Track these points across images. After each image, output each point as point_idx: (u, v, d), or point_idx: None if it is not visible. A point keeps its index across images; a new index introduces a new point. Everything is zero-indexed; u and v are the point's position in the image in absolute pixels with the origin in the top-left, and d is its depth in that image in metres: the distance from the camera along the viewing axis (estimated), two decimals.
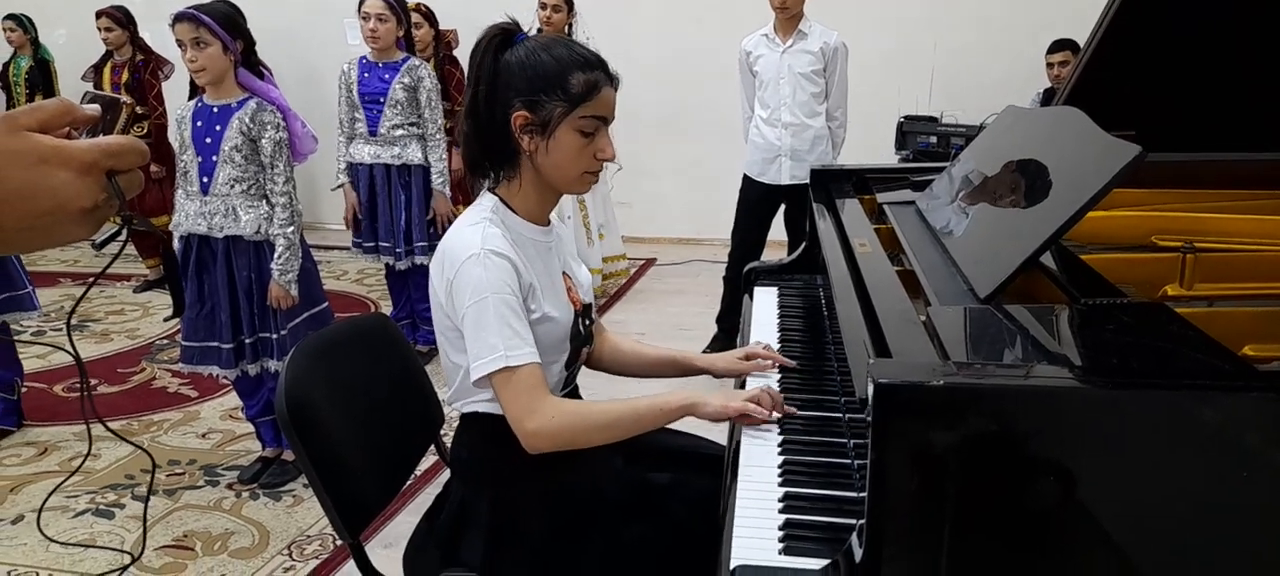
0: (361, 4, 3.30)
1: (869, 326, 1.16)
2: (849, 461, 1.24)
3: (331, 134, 3.66)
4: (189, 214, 2.46)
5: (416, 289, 3.65)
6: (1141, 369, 0.95)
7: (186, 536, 2.44)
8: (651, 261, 5.30)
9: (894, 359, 1.02)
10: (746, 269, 2.12)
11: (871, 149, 4.25)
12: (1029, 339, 1.07)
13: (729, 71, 3.67)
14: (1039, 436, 0.87)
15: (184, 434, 3.08)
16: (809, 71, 3.36)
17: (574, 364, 1.46)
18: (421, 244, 3.48)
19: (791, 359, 1.57)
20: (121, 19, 4.62)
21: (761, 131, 3.47)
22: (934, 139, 4.58)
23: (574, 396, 1.50)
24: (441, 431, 1.67)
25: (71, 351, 0.89)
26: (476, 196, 1.42)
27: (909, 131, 4.67)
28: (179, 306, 2.25)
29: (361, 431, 1.43)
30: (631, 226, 5.12)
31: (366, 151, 3.42)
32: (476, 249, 1.26)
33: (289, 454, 2.70)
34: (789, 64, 3.36)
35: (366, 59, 3.39)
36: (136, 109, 4.49)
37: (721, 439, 1.59)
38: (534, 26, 3.86)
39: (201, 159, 2.42)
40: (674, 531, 1.40)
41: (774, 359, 1.56)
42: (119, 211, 0.64)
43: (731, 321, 3.51)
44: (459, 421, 1.44)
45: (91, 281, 1.11)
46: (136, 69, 4.66)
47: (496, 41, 1.31)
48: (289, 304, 2.50)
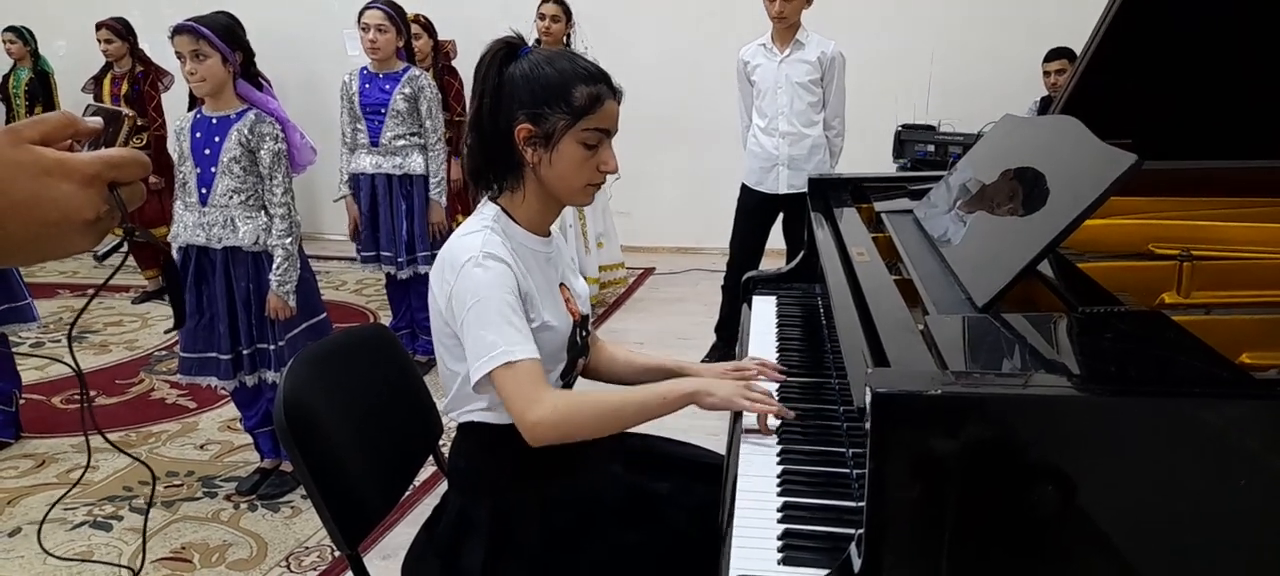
0: (361, 15, 3.31)
1: (867, 335, 1.16)
2: (848, 471, 1.24)
3: (331, 144, 3.67)
4: (187, 225, 2.46)
5: (417, 298, 3.65)
6: (1139, 377, 0.96)
7: (184, 548, 2.43)
8: (650, 270, 5.30)
9: (892, 368, 1.02)
10: (745, 278, 2.12)
11: (869, 157, 4.27)
12: (1027, 347, 1.07)
13: (727, 81, 3.68)
14: (1037, 445, 0.87)
15: (182, 445, 3.08)
16: (806, 81, 3.37)
17: (570, 374, 1.46)
18: (423, 253, 3.48)
19: (788, 368, 1.57)
20: (121, 31, 4.64)
21: (759, 141, 3.47)
22: (932, 147, 4.59)
23: None
24: (440, 442, 1.66)
25: (73, 364, 0.89)
26: (477, 207, 1.42)
27: (907, 140, 4.68)
28: (180, 318, 2.25)
29: (360, 442, 1.43)
30: (630, 235, 5.13)
31: (368, 162, 3.43)
32: (476, 252, 1.27)
33: (287, 465, 2.69)
34: (786, 73, 3.37)
35: (367, 70, 3.40)
36: (137, 121, 4.50)
37: (721, 448, 1.59)
38: (532, 36, 3.88)
39: (200, 170, 2.42)
40: (673, 540, 1.40)
41: (767, 372, 1.56)
42: (121, 223, 0.65)
43: (730, 330, 3.51)
44: (456, 431, 1.44)
45: (93, 293, 1.11)
46: (136, 80, 4.67)
47: (501, 54, 1.32)
48: (287, 315, 2.49)
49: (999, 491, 0.87)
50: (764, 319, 1.89)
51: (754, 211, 3.55)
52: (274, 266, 2.45)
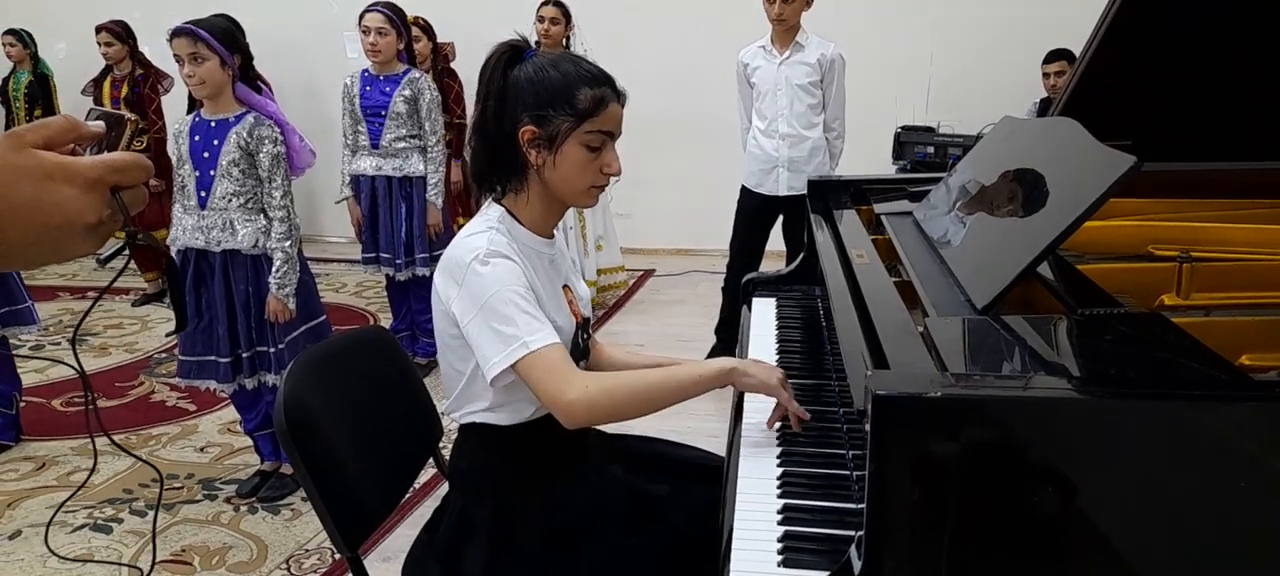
0: (361, 17, 3.32)
1: (867, 337, 1.16)
2: (848, 473, 1.24)
3: (330, 146, 3.67)
4: (186, 228, 2.46)
5: (417, 300, 3.66)
6: (1139, 378, 0.96)
7: (185, 551, 2.43)
8: (650, 272, 5.30)
9: (892, 370, 1.02)
10: (745, 280, 2.12)
11: (869, 159, 4.27)
12: (1027, 349, 1.07)
13: (727, 83, 3.68)
14: (1037, 447, 0.87)
15: (182, 448, 3.08)
16: (806, 83, 3.37)
17: None
18: (422, 255, 3.48)
19: (788, 371, 1.57)
20: (121, 33, 4.64)
21: (759, 142, 3.47)
22: (931, 149, 4.60)
23: None
24: (440, 444, 1.67)
25: (77, 366, 0.90)
26: (478, 209, 1.42)
27: (906, 142, 4.68)
28: (181, 321, 2.25)
29: (360, 444, 1.43)
30: (630, 237, 5.13)
31: (369, 164, 3.43)
32: (482, 251, 1.27)
33: (287, 467, 2.69)
34: (786, 75, 3.37)
35: (368, 72, 3.40)
36: (139, 125, 4.50)
37: (721, 449, 1.59)
38: (532, 38, 3.88)
39: (199, 173, 2.42)
40: (674, 542, 1.40)
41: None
42: (123, 227, 0.65)
43: (730, 332, 3.51)
44: (458, 432, 1.44)
45: (97, 297, 1.12)
46: (136, 83, 4.68)
47: (506, 57, 1.32)
48: (287, 317, 2.49)
49: (999, 493, 0.87)
50: (764, 321, 1.89)
51: (754, 213, 3.55)
52: (273, 269, 2.45)
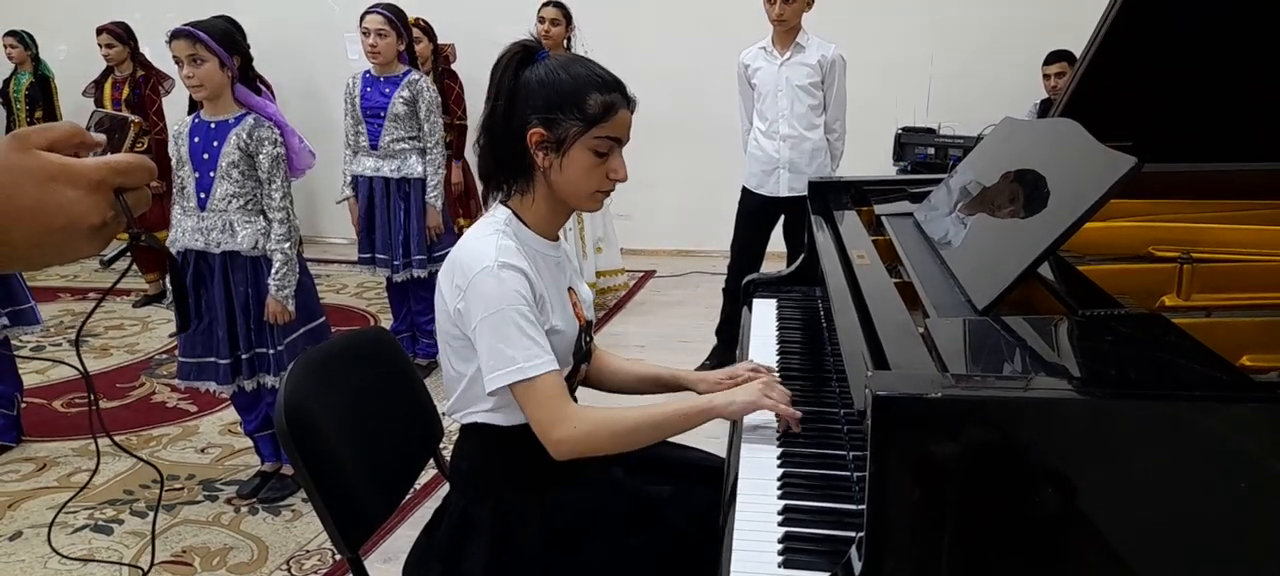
0: (362, 19, 3.32)
1: (867, 338, 1.16)
2: (848, 474, 1.24)
3: (331, 147, 3.68)
4: (185, 229, 2.46)
5: (417, 302, 3.66)
6: (1139, 379, 0.96)
7: (185, 551, 2.43)
8: (651, 273, 5.30)
9: (892, 371, 1.02)
10: (745, 281, 2.12)
11: (869, 160, 4.27)
12: (1027, 350, 1.07)
13: (727, 84, 3.68)
14: (1038, 448, 0.87)
15: (183, 448, 3.08)
16: (807, 84, 3.37)
17: (573, 378, 1.46)
18: (419, 257, 3.48)
19: (788, 371, 1.57)
20: (122, 35, 4.65)
21: (760, 144, 3.48)
22: (932, 150, 4.59)
23: None
24: (440, 445, 1.66)
25: (80, 368, 0.90)
26: (484, 209, 1.42)
27: (907, 143, 4.68)
28: (184, 322, 2.24)
29: (360, 445, 1.43)
30: (631, 238, 5.13)
31: (368, 164, 3.43)
32: (490, 261, 1.27)
33: (288, 468, 2.69)
34: (787, 76, 3.37)
35: (370, 73, 3.41)
36: (142, 127, 4.51)
37: (721, 451, 1.59)
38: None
39: (198, 175, 2.42)
40: (674, 543, 1.40)
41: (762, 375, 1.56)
42: (127, 228, 0.65)
43: (731, 333, 3.51)
44: (459, 433, 1.44)
45: (101, 298, 1.13)
46: (137, 84, 4.68)
47: (518, 58, 1.32)
48: (286, 319, 2.49)
49: (999, 494, 0.87)
50: (764, 322, 1.89)
51: (755, 214, 3.55)
52: (273, 271, 2.45)
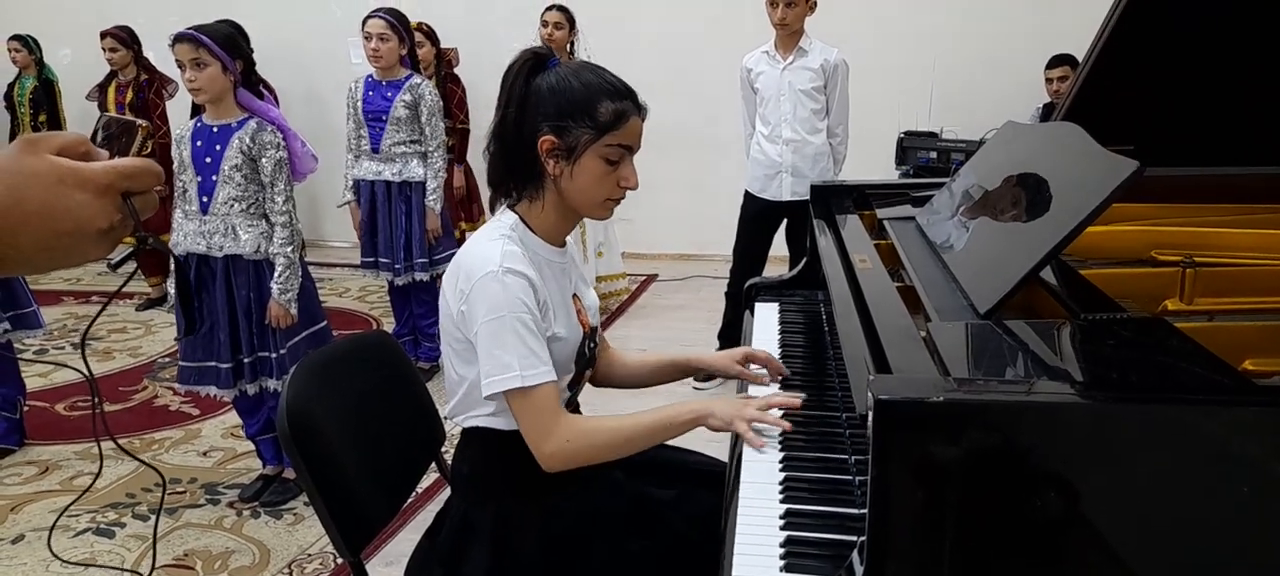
0: (364, 23, 3.33)
1: (869, 342, 1.16)
2: (851, 478, 1.24)
3: (333, 152, 3.68)
4: (187, 233, 2.47)
5: (418, 305, 3.66)
6: (1142, 383, 0.95)
7: (187, 555, 2.43)
8: (653, 277, 5.30)
9: (894, 375, 1.02)
10: (747, 284, 2.12)
11: (871, 164, 4.26)
12: (1029, 354, 1.07)
13: (730, 88, 3.69)
14: (1040, 452, 0.87)
15: (185, 452, 3.08)
16: (809, 88, 3.37)
17: (577, 384, 1.47)
18: (421, 260, 3.48)
19: (791, 374, 1.57)
20: (126, 39, 4.65)
21: (762, 148, 3.48)
22: (934, 154, 4.59)
23: (573, 412, 1.50)
24: (442, 448, 1.66)
25: (86, 371, 0.90)
26: (491, 215, 1.43)
27: (909, 147, 4.68)
28: (191, 325, 2.23)
29: (362, 448, 1.43)
30: (633, 242, 5.13)
31: (369, 168, 3.44)
32: (495, 266, 1.27)
33: (290, 472, 2.69)
34: (789, 81, 3.37)
35: (372, 77, 3.42)
36: (148, 130, 4.51)
37: (723, 454, 1.59)
38: (535, 43, 3.88)
39: (201, 178, 2.43)
40: (676, 547, 1.40)
41: (772, 367, 1.56)
42: (134, 232, 0.65)
43: (733, 337, 3.51)
44: (461, 436, 1.44)
45: (107, 301, 1.13)
46: (141, 88, 4.69)
47: (529, 65, 1.32)
48: (288, 323, 2.50)
49: (1001, 498, 0.87)
50: (767, 325, 1.89)
51: (757, 218, 3.55)
52: (276, 274, 2.46)
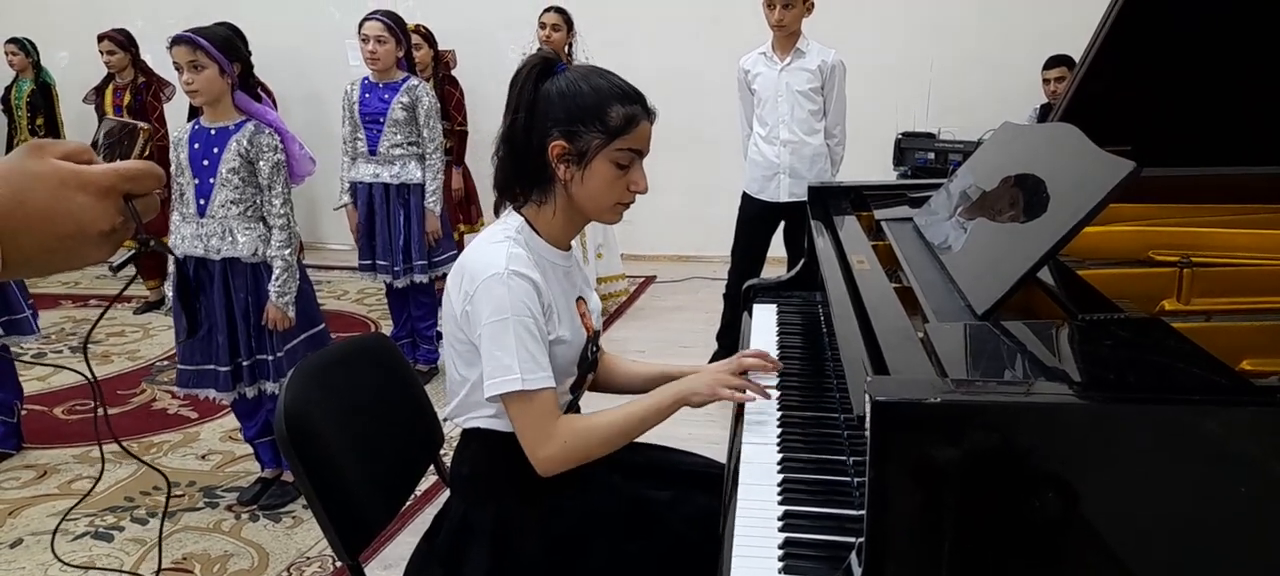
0: (361, 25, 3.33)
1: (867, 343, 1.16)
2: (849, 479, 1.24)
3: (331, 154, 3.68)
4: (185, 236, 2.46)
5: (417, 308, 3.66)
6: (1139, 384, 0.95)
7: (186, 558, 2.43)
8: (651, 278, 5.30)
9: (892, 376, 1.01)
10: (746, 286, 2.12)
11: (869, 165, 4.27)
12: (1027, 355, 1.07)
13: (727, 89, 3.69)
14: (1038, 452, 0.87)
15: (184, 455, 3.08)
16: (807, 89, 3.37)
17: (579, 388, 1.47)
18: (420, 263, 3.48)
19: (788, 377, 1.57)
20: (123, 42, 4.65)
21: (760, 149, 3.48)
22: (932, 155, 4.60)
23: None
24: (441, 451, 1.66)
25: (87, 374, 0.90)
26: (495, 218, 1.42)
27: (907, 148, 4.69)
28: (193, 327, 2.22)
29: (361, 451, 1.43)
30: (631, 243, 5.13)
31: (366, 171, 3.44)
32: (500, 268, 1.27)
33: (288, 475, 2.69)
34: (787, 82, 3.37)
35: (369, 79, 3.41)
36: (149, 133, 4.51)
37: (722, 456, 1.59)
38: (533, 44, 3.89)
39: (198, 181, 2.43)
40: (674, 548, 1.40)
41: (767, 366, 1.57)
42: (136, 234, 0.66)
43: (731, 338, 3.50)
44: (460, 437, 1.44)
45: (108, 305, 1.14)
46: (138, 91, 4.69)
47: (537, 70, 1.32)
48: (286, 326, 2.49)
49: (1000, 499, 0.87)
50: (764, 327, 1.89)
51: (755, 220, 3.55)
52: (273, 277, 2.45)
